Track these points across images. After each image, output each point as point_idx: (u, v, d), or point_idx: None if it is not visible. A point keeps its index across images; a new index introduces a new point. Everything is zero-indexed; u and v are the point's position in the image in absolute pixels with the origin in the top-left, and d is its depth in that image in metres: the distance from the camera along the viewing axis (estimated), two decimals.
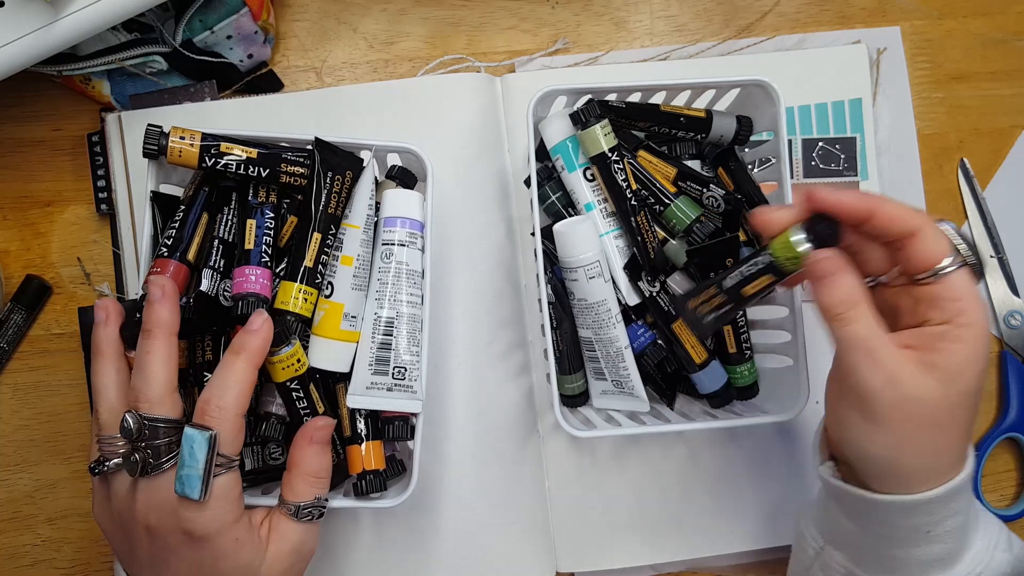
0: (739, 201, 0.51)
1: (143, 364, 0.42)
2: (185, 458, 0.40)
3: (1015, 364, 0.63)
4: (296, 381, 0.46)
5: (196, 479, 0.40)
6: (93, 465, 0.43)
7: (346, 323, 0.47)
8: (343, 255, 0.48)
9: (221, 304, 0.47)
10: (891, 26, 0.65)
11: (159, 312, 0.43)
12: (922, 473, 0.41)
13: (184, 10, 0.57)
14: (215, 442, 0.41)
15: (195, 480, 0.40)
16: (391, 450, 0.51)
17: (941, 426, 0.40)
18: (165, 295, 0.44)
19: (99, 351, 0.45)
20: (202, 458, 0.40)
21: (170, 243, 0.47)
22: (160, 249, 0.47)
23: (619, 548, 0.59)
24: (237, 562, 0.42)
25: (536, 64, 0.63)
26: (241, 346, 0.43)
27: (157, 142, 0.46)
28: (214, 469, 0.41)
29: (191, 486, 0.40)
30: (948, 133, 0.65)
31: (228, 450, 0.42)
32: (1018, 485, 0.63)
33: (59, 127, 0.61)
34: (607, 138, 0.49)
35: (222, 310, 0.47)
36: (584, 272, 0.50)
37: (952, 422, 0.40)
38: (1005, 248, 0.64)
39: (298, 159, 0.48)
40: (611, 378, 0.52)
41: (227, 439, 0.41)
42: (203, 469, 0.40)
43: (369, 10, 0.63)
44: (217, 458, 0.41)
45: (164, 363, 0.42)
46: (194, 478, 0.40)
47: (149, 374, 0.42)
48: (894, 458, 0.41)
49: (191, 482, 0.40)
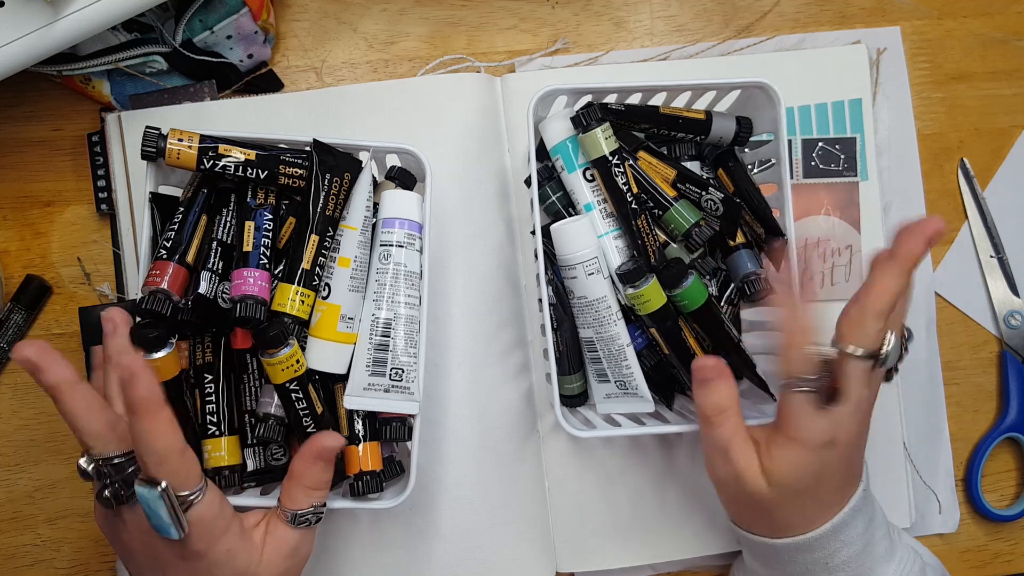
0: (737, 205, 0.51)
1: (80, 409, 0.42)
2: (149, 514, 0.39)
3: (1015, 364, 0.63)
4: (295, 382, 0.46)
5: (168, 526, 0.39)
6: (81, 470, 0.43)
7: (343, 324, 0.47)
8: (340, 256, 0.48)
9: (220, 306, 0.47)
10: (891, 26, 0.65)
11: (96, 354, 0.45)
12: (798, 522, 0.47)
13: (184, 10, 0.57)
14: (168, 492, 0.39)
15: (167, 527, 0.39)
16: (389, 451, 0.51)
17: (780, 508, 0.47)
18: (116, 330, 0.45)
19: (108, 360, 0.45)
20: (163, 510, 0.39)
21: (169, 245, 0.47)
22: (159, 252, 0.47)
23: (619, 548, 0.59)
24: (233, 569, 0.43)
25: (536, 64, 0.63)
26: (137, 401, 0.39)
27: (155, 144, 0.46)
28: (179, 510, 0.40)
29: (166, 531, 0.40)
30: (948, 133, 0.65)
31: (186, 487, 0.40)
32: (1018, 485, 0.63)
33: (59, 127, 0.61)
34: (608, 142, 0.49)
35: (221, 312, 0.47)
36: (583, 268, 0.50)
37: (784, 507, 0.47)
38: (1005, 248, 0.64)
39: (297, 160, 0.48)
40: (614, 379, 0.52)
41: (180, 480, 0.40)
42: (168, 517, 0.39)
43: (369, 10, 0.63)
44: (178, 499, 0.39)
45: (98, 403, 0.42)
46: (166, 526, 0.39)
47: (89, 418, 0.42)
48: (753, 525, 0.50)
49: (164, 529, 0.40)
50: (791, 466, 0.45)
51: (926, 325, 0.63)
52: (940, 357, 0.63)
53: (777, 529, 0.48)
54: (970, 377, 0.64)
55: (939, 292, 0.63)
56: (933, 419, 0.62)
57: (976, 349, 0.64)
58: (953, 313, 0.64)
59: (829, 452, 0.45)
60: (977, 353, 0.64)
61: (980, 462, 0.62)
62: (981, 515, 0.62)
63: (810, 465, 0.45)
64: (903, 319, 0.47)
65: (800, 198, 0.62)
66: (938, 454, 0.62)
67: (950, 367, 0.63)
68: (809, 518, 0.47)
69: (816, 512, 0.47)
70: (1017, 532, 0.63)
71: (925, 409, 0.62)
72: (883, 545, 0.49)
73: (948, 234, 0.64)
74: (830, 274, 0.62)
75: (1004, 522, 0.62)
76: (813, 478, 0.46)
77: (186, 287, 0.48)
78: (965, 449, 0.63)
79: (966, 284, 0.64)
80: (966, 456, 0.63)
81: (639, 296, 0.49)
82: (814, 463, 0.45)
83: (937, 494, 0.62)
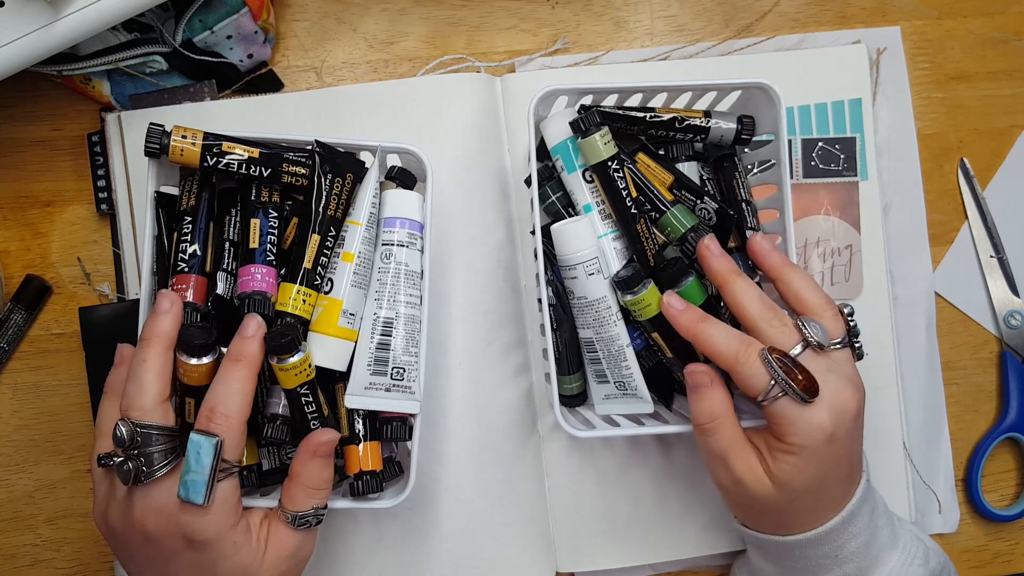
0: (730, 217, 0.51)
1: (138, 373, 0.43)
2: (191, 463, 0.41)
3: (1015, 364, 0.63)
4: (306, 386, 0.46)
5: (201, 484, 0.40)
6: (102, 456, 0.43)
7: (344, 320, 0.47)
8: (344, 251, 0.48)
9: (235, 305, 0.47)
10: (891, 26, 0.65)
11: (162, 323, 0.44)
12: (807, 519, 0.48)
13: (184, 10, 0.57)
14: (220, 448, 0.41)
15: (200, 486, 0.40)
16: (389, 451, 0.51)
17: (788, 508, 0.47)
18: (173, 309, 0.44)
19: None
20: (208, 464, 0.41)
21: (187, 258, 0.47)
22: (180, 266, 0.47)
23: (619, 548, 0.59)
24: (236, 564, 0.43)
25: (536, 64, 0.63)
26: (240, 353, 0.43)
27: (159, 141, 0.46)
28: (217, 475, 0.41)
29: (196, 491, 0.41)
30: (948, 133, 0.65)
31: (231, 456, 0.42)
32: (1018, 485, 0.63)
33: (59, 127, 0.61)
34: (607, 147, 0.49)
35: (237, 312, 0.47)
36: (583, 269, 0.50)
37: (792, 506, 0.47)
38: (1005, 248, 0.64)
39: (300, 159, 0.48)
40: (613, 379, 0.52)
41: (231, 445, 0.42)
42: (208, 475, 0.41)
43: (369, 10, 0.63)
44: (221, 463, 0.41)
45: (159, 373, 0.43)
46: (199, 484, 0.41)
47: (144, 383, 0.42)
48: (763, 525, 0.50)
49: (196, 487, 0.41)
50: (795, 468, 0.45)
51: (926, 325, 0.63)
52: (940, 357, 0.63)
53: (786, 527, 0.49)
54: (970, 377, 0.64)
55: (939, 292, 0.63)
56: (933, 419, 0.62)
57: (976, 349, 0.64)
58: (953, 313, 0.64)
59: (830, 448, 0.45)
60: (977, 353, 0.64)
61: (980, 462, 0.62)
62: (981, 515, 0.62)
63: (814, 466, 0.45)
64: (816, 299, 0.47)
65: (800, 198, 0.62)
66: (938, 454, 0.62)
67: (950, 367, 0.63)
68: (818, 514, 0.48)
69: (824, 508, 0.48)
70: (1017, 532, 0.63)
71: (925, 409, 0.62)
72: (886, 533, 0.49)
73: (948, 234, 0.64)
74: (830, 274, 0.62)
75: (1004, 522, 0.62)
76: (819, 476, 0.46)
77: (207, 295, 0.48)
78: (965, 449, 0.63)
79: (966, 284, 0.64)
80: (966, 456, 0.63)
81: (638, 302, 0.49)
82: (818, 464, 0.45)
83: (937, 494, 0.62)
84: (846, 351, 0.47)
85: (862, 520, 0.48)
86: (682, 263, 0.50)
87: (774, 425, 0.46)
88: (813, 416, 0.44)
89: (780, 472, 0.46)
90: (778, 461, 0.46)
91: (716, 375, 0.47)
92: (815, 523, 0.48)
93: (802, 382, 0.44)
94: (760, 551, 0.52)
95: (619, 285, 0.50)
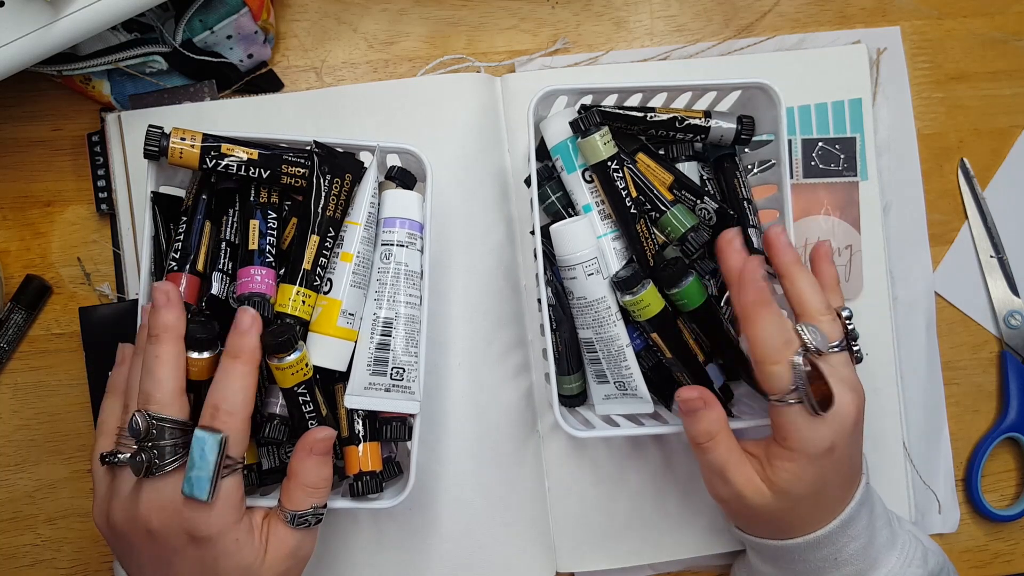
0: (730, 217, 0.51)
1: (153, 367, 0.43)
2: (195, 460, 0.41)
3: (1015, 364, 0.63)
4: (303, 385, 0.46)
5: (205, 480, 0.41)
6: (105, 455, 0.43)
7: (343, 320, 0.47)
8: (343, 252, 0.48)
9: (231, 306, 0.47)
10: (891, 26, 0.65)
11: (166, 317, 0.44)
12: (806, 523, 0.48)
13: (184, 10, 0.57)
14: (225, 444, 0.41)
15: (204, 482, 0.41)
16: (389, 451, 0.51)
17: (787, 515, 0.48)
18: (170, 301, 0.44)
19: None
20: (212, 460, 0.41)
21: (178, 256, 0.47)
22: (170, 264, 0.47)
23: (619, 548, 0.59)
24: (238, 562, 0.43)
25: (536, 64, 0.63)
26: (238, 349, 0.44)
27: (158, 143, 0.46)
28: (221, 471, 0.41)
29: (200, 487, 0.41)
30: (948, 133, 0.65)
31: (235, 452, 0.42)
32: (1018, 485, 0.63)
33: (59, 127, 0.61)
34: (606, 147, 0.49)
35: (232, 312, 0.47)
36: (583, 269, 0.50)
37: (791, 513, 0.47)
38: (1005, 248, 0.64)
39: (299, 160, 0.48)
40: (613, 379, 0.52)
41: (235, 441, 0.42)
42: (212, 471, 0.41)
43: (369, 10, 0.63)
44: (225, 460, 0.41)
45: (175, 366, 0.43)
46: (203, 480, 0.41)
47: (160, 377, 0.43)
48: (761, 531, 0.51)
49: (200, 484, 0.41)
50: (794, 476, 0.46)
51: (926, 325, 0.63)
52: (940, 357, 0.63)
53: (786, 531, 0.49)
54: (970, 377, 0.64)
55: (939, 292, 0.63)
56: (933, 419, 0.62)
57: (976, 349, 0.64)
58: (953, 313, 0.64)
59: (830, 457, 0.45)
60: (977, 353, 0.64)
61: (980, 462, 0.62)
62: (981, 515, 0.62)
63: (814, 473, 0.46)
64: (816, 302, 0.47)
65: (800, 198, 0.62)
66: (938, 454, 0.62)
67: (950, 367, 0.63)
68: (817, 518, 0.48)
69: (823, 511, 0.48)
70: (1017, 532, 0.63)
71: (925, 409, 0.62)
72: (885, 534, 0.49)
73: (948, 234, 0.64)
74: None
75: (1004, 522, 0.62)
76: (818, 484, 0.46)
77: (199, 295, 0.48)
78: (965, 449, 0.63)
79: (966, 284, 0.64)
80: (966, 456, 0.63)
81: (638, 302, 0.49)
82: (817, 470, 0.46)
83: (937, 494, 0.62)
84: (844, 355, 0.47)
85: (861, 522, 0.48)
86: (682, 263, 0.50)
87: (779, 429, 0.46)
88: (819, 426, 0.45)
89: (779, 480, 0.46)
90: (777, 469, 0.46)
91: (710, 396, 0.48)
92: (814, 527, 0.48)
93: (820, 393, 0.44)
94: (759, 554, 0.52)
95: (618, 285, 0.50)
